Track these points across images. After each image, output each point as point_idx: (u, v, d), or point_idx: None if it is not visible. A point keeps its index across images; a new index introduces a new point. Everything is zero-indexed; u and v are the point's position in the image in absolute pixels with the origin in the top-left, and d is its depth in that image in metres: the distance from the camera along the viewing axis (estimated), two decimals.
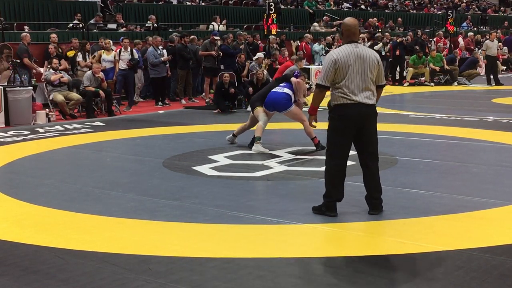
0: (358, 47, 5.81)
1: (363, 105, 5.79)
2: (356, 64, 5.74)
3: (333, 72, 5.75)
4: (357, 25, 5.98)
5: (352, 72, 5.73)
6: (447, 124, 11.90)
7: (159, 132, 11.48)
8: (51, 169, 8.64)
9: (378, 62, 5.87)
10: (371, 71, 5.79)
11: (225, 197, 6.73)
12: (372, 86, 5.83)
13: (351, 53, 5.75)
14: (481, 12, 37.13)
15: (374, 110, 5.92)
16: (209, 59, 15.79)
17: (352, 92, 5.76)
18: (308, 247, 5.13)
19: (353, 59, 5.73)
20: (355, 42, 5.88)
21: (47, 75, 13.61)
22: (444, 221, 5.79)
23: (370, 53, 5.85)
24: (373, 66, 5.80)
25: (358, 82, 5.76)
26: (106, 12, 19.54)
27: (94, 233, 5.58)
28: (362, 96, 5.78)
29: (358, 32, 6.03)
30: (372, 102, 5.85)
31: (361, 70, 5.75)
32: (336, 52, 5.85)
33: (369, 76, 5.79)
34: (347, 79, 5.74)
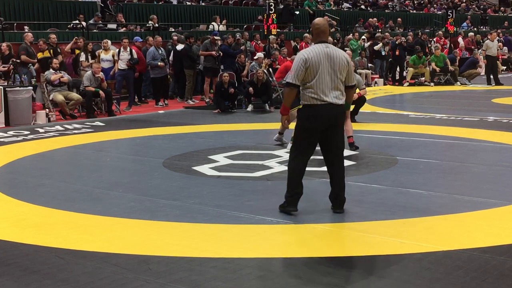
0: (328, 47, 5.81)
1: (333, 105, 5.80)
2: (326, 64, 5.75)
3: (303, 71, 5.76)
4: (327, 24, 5.99)
5: (322, 72, 5.75)
6: (447, 124, 11.90)
7: (159, 132, 11.49)
8: (51, 169, 8.64)
9: (348, 63, 5.86)
10: (341, 72, 5.80)
11: (225, 197, 6.73)
12: (341, 86, 5.84)
13: (321, 53, 5.77)
14: (481, 12, 37.14)
15: (342, 110, 5.92)
16: (209, 59, 15.79)
17: (322, 92, 5.77)
18: (308, 247, 5.13)
19: (323, 58, 5.75)
20: (325, 42, 5.88)
21: (47, 75, 13.61)
22: (444, 221, 5.79)
23: (339, 54, 5.85)
24: (343, 67, 5.80)
25: (328, 82, 5.77)
26: (106, 12, 19.55)
27: (94, 233, 5.58)
28: (332, 96, 5.79)
29: (327, 32, 5.99)
30: (341, 102, 5.85)
31: (330, 70, 5.76)
32: (306, 51, 5.88)
33: (339, 76, 5.80)
34: (317, 79, 5.75)
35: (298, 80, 5.80)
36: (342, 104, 5.85)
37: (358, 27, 25.82)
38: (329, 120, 5.85)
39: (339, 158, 6.04)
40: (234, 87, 14.56)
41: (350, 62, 5.91)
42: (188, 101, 16.14)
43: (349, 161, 8.48)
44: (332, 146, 6.00)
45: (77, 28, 17.67)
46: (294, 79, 5.81)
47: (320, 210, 6.19)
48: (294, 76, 5.81)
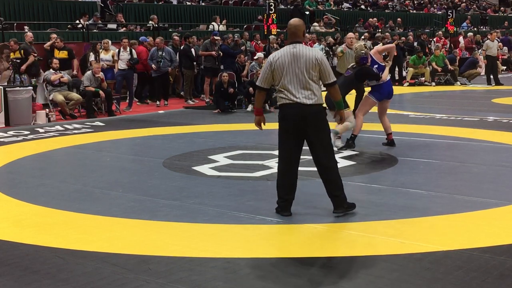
0: (296, 47, 5.79)
1: (302, 105, 5.77)
2: (292, 64, 5.74)
3: (269, 74, 5.84)
4: (299, 25, 5.91)
5: (288, 73, 5.75)
6: (447, 124, 11.90)
7: (159, 132, 11.49)
8: (51, 169, 8.64)
9: (318, 61, 5.73)
10: (309, 71, 5.73)
11: (225, 197, 6.73)
12: (312, 85, 5.75)
13: (287, 54, 5.78)
14: (481, 12, 37.14)
15: (315, 109, 5.80)
16: (209, 59, 15.79)
17: (290, 92, 5.78)
18: (308, 247, 5.13)
19: (289, 59, 5.75)
20: (297, 42, 5.84)
21: (47, 75, 13.62)
22: (444, 221, 5.79)
23: (308, 53, 5.76)
24: (311, 65, 5.72)
25: (295, 82, 5.76)
26: (106, 12, 19.55)
27: (94, 233, 5.58)
28: (301, 96, 5.76)
29: (300, 32, 5.90)
30: (312, 102, 5.76)
31: (297, 70, 5.74)
32: (273, 54, 5.96)
33: (307, 75, 5.74)
34: (284, 79, 5.77)
35: (264, 83, 5.91)
36: (313, 103, 5.77)
37: (358, 27, 25.82)
38: (300, 119, 5.81)
39: (325, 158, 5.95)
40: (234, 87, 14.56)
41: (321, 60, 5.76)
42: (188, 101, 16.14)
43: (349, 161, 8.49)
44: (315, 146, 5.95)
45: (77, 28, 17.68)
46: (261, 81, 5.94)
47: (320, 210, 6.19)
48: (261, 79, 5.94)
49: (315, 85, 5.79)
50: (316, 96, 5.80)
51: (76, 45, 16.49)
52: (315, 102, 5.79)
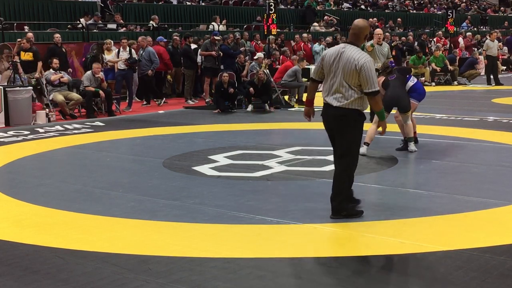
0: (345, 48, 5.76)
1: (329, 106, 5.80)
2: (335, 64, 5.75)
3: (320, 67, 5.91)
4: (364, 28, 5.83)
5: (330, 71, 5.79)
6: (447, 124, 11.91)
7: (159, 132, 11.49)
8: (51, 169, 8.64)
9: (357, 68, 5.60)
10: (346, 74, 5.67)
11: (225, 197, 6.73)
12: (345, 89, 5.69)
13: (335, 53, 5.79)
14: (481, 12, 37.14)
15: (342, 112, 5.73)
16: (209, 59, 15.79)
17: (326, 91, 5.84)
18: (308, 247, 5.13)
19: (334, 58, 5.76)
20: (353, 43, 5.81)
21: (47, 75, 13.62)
22: (444, 221, 5.79)
23: (352, 57, 5.65)
24: (349, 70, 5.65)
25: (331, 82, 5.78)
26: (106, 12, 19.55)
27: (94, 233, 5.58)
28: (331, 97, 5.78)
29: (361, 35, 5.83)
30: (339, 105, 5.71)
31: (337, 70, 5.73)
32: (327, 49, 6.08)
33: (343, 78, 5.68)
34: (326, 76, 5.85)
35: (315, 75, 5.99)
36: (339, 106, 5.71)
37: None
38: (328, 119, 5.87)
39: (337, 161, 5.94)
40: (234, 87, 14.56)
41: (361, 68, 5.60)
42: (188, 101, 16.14)
43: None
44: (336, 148, 5.95)
45: (77, 28, 17.68)
46: (313, 73, 6.07)
47: (320, 210, 6.19)
48: (313, 71, 6.07)
49: (349, 89, 5.70)
50: (346, 100, 5.71)
51: (76, 45, 16.50)
52: (342, 105, 5.72)
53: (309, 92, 6.15)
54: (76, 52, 16.19)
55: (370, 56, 5.86)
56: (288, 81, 15.49)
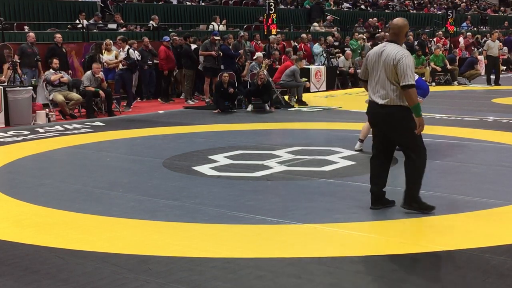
0: (385, 47, 5.90)
1: (375, 103, 5.94)
2: (376, 63, 5.90)
3: (365, 67, 6.11)
4: (403, 27, 5.95)
5: (373, 70, 5.94)
6: (447, 124, 11.90)
7: (159, 132, 11.49)
8: (51, 169, 8.64)
9: (395, 62, 5.73)
10: (387, 71, 5.80)
11: (225, 197, 6.73)
12: (389, 86, 5.81)
13: (376, 52, 5.95)
14: (481, 12, 37.14)
15: (387, 110, 5.86)
16: (209, 59, 15.79)
17: (371, 89, 6.00)
18: (308, 247, 5.13)
19: (376, 58, 5.92)
20: (393, 42, 5.92)
21: (47, 75, 13.62)
22: (444, 221, 5.79)
23: (391, 53, 5.79)
24: (389, 66, 5.78)
25: (376, 80, 5.92)
26: (106, 12, 19.54)
27: (94, 233, 5.58)
28: (376, 95, 5.92)
29: (401, 34, 5.95)
30: (384, 102, 5.85)
31: (379, 69, 5.87)
32: (371, 49, 6.20)
33: (386, 75, 5.81)
34: (370, 75, 6.01)
35: (362, 75, 6.21)
36: (384, 104, 5.84)
37: (358, 27, 25.83)
38: (374, 117, 6.04)
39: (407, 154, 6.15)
40: (234, 87, 14.56)
41: (398, 61, 5.71)
42: (188, 101, 16.14)
43: (349, 161, 8.49)
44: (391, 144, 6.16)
45: (77, 28, 17.68)
46: (360, 74, 6.27)
47: (320, 210, 6.19)
48: (360, 72, 6.27)
49: (392, 86, 5.80)
50: (391, 97, 5.82)
51: (76, 45, 16.50)
52: (388, 103, 5.84)
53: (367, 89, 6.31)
54: (76, 52, 16.19)
55: (407, 53, 5.91)
56: (287, 81, 15.50)
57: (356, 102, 15.23)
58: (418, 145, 6.07)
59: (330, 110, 14.56)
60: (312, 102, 16.02)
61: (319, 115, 13.64)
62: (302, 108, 14.89)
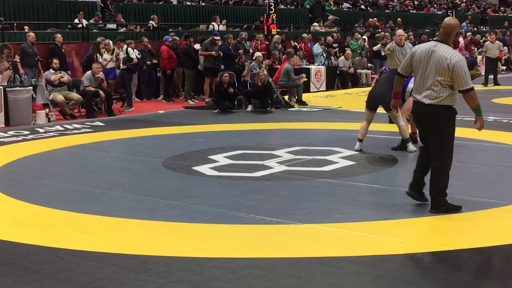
0: (436, 47, 5.87)
1: (420, 103, 5.94)
2: (426, 62, 5.87)
3: (409, 63, 6.08)
4: (455, 27, 5.98)
5: (420, 68, 5.93)
6: None
7: (159, 132, 11.48)
8: (51, 169, 8.64)
9: (450, 67, 5.73)
10: (438, 72, 5.79)
11: (225, 197, 6.73)
12: (436, 87, 5.81)
13: (425, 50, 5.92)
14: (481, 12, 37.15)
15: (433, 109, 5.86)
16: (209, 59, 15.79)
17: (416, 89, 6.00)
18: (308, 247, 5.13)
19: (425, 56, 5.89)
20: (443, 42, 5.92)
21: (47, 75, 13.62)
22: (444, 221, 5.79)
23: (444, 55, 5.78)
24: (441, 68, 5.78)
25: (422, 80, 5.92)
26: (106, 12, 19.54)
27: (94, 233, 5.58)
28: (422, 95, 5.92)
29: (452, 34, 5.98)
30: (430, 102, 5.84)
31: (428, 69, 5.85)
32: (418, 46, 6.15)
33: (435, 76, 5.81)
34: (416, 73, 5.99)
35: (403, 70, 6.18)
36: (430, 103, 5.84)
37: (358, 27, 25.83)
38: (419, 116, 6.06)
39: (431, 158, 6.08)
40: (234, 87, 14.55)
41: (454, 67, 5.72)
42: (188, 101, 16.14)
43: (349, 161, 8.49)
44: (429, 143, 6.07)
45: (77, 28, 17.68)
46: (401, 68, 6.23)
47: (320, 210, 6.19)
48: (401, 66, 6.23)
49: (441, 87, 5.81)
50: (438, 97, 5.83)
51: (76, 45, 16.49)
52: (434, 103, 5.84)
53: (396, 86, 6.35)
54: (76, 52, 16.18)
55: (460, 55, 5.93)
56: (285, 81, 15.51)
57: (356, 102, 15.23)
58: (449, 149, 6.04)
59: (330, 110, 14.56)
60: (312, 102, 16.02)
61: (319, 115, 13.63)
62: (302, 108, 14.89)
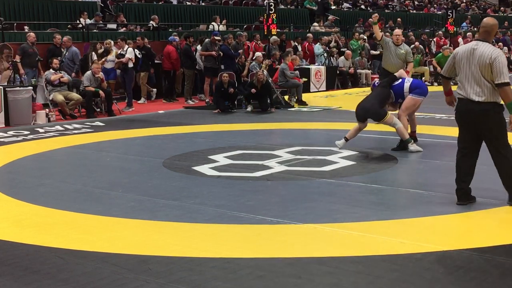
0: (477, 45, 6.02)
1: (469, 100, 6.03)
2: (469, 61, 6.01)
3: (452, 65, 6.25)
4: (495, 26, 6.13)
5: (464, 68, 6.05)
6: (447, 124, 11.89)
7: (159, 132, 11.49)
8: (51, 169, 8.64)
9: (490, 61, 5.89)
10: (482, 69, 5.94)
11: (225, 197, 6.73)
12: (484, 84, 5.96)
13: (467, 50, 6.06)
14: (481, 12, 37.14)
15: (483, 106, 5.98)
16: (210, 59, 15.79)
17: (463, 87, 6.09)
18: (308, 247, 5.13)
19: (467, 56, 6.03)
20: (484, 41, 6.05)
21: (47, 75, 13.62)
22: (444, 221, 5.79)
23: (485, 52, 5.95)
24: (484, 65, 5.93)
25: (469, 78, 6.02)
26: (106, 12, 19.54)
27: (94, 233, 5.58)
28: (471, 92, 6.02)
29: (493, 32, 6.13)
30: (480, 99, 5.97)
31: (473, 67, 5.99)
32: (459, 47, 6.29)
33: (480, 73, 5.95)
34: (460, 73, 6.10)
35: (446, 72, 6.38)
36: (480, 101, 5.96)
37: (358, 27, 25.82)
38: (468, 115, 6.11)
39: (495, 155, 6.18)
40: (234, 87, 14.55)
41: (494, 60, 5.90)
42: (188, 101, 16.15)
43: (349, 161, 8.49)
44: (487, 144, 6.18)
45: (77, 28, 17.68)
46: (444, 71, 6.43)
47: (320, 210, 6.19)
48: (444, 69, 6.41)
49: (487, 84, 5.96)
50: (486, 94, 5.97)
51: (76, 45, 16.48)
52: (483, 100, 5.97)
53: (445, 86, 6.57)
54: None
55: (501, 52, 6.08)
56: (284, 81, 15.52)
57: (356, 102, 15.14)
58: (506, 140, 6.17)
59: (330, 110, 14.56)
60: (312, 102, 16.02)
61: (319, 115, 13.63)
62: (302, 108, 14.89)
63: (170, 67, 16.66)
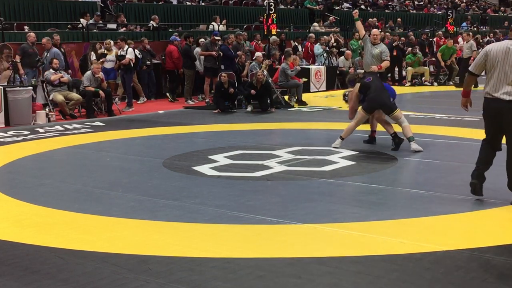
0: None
1: (500, 100, 6.02)
2: (504, 60, 5.96)
3: (483, 62, 6.13)
4: None
5: (497, 67, 6.00)
6: (447, 124, 11.90)
7: (159, 132, 11.49)
8: (51, 169, 8.64)
9: None
10: None
11: (225, 197, 6.73)
12: None
13: (501, 49, 6.01)
14: (481, 12, 37.16)
15: None
16: (210, 59, 15.79)
17: (494, 86, 6.04)
18: (308, 247, 5.13)
19: (501, 54, 5.98)
20: None
21: (47, 75, 13.62)
22: (444, 221, 5.79)
23: None
24: None
25: (501, 77, 5.99)
26: (106, 12, 19.55)
27: (94, 233, 5.58)
28: (502, 92, 6.00)
29: None
30: (511, 98, 5.96)
31: (507, 66, 5.96)
32: (491, 45, 6.20)
33: None
34: (492, 72, 6.03)
35: (476, 69, 6.22)
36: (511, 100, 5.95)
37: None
38: (495, 113, 6.12)
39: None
40: (234, 87, 14.55)
41: None
42: (188, 101, 16.15)
43: (349, 161, 8.49)
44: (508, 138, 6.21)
45: (77, 28, 17.68)
46: (474, 67, 6.26)
47: (320, 210, 6.19)
48: (474, 65, 6.25)
49: None
50: None
51: (76, 45, 16.50)
52: None
53: (467, 85, 6.47)
54: (76, 52, 16.20)
55: None
56: (284, 81, 15.51)
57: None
58: None
59: (330, 110, 14.56)
60: (312, 102, 16.02)
61: (319, 115, 13.63)
62: (302, 108, 14.90)
63: (172, 66, 16.71)
